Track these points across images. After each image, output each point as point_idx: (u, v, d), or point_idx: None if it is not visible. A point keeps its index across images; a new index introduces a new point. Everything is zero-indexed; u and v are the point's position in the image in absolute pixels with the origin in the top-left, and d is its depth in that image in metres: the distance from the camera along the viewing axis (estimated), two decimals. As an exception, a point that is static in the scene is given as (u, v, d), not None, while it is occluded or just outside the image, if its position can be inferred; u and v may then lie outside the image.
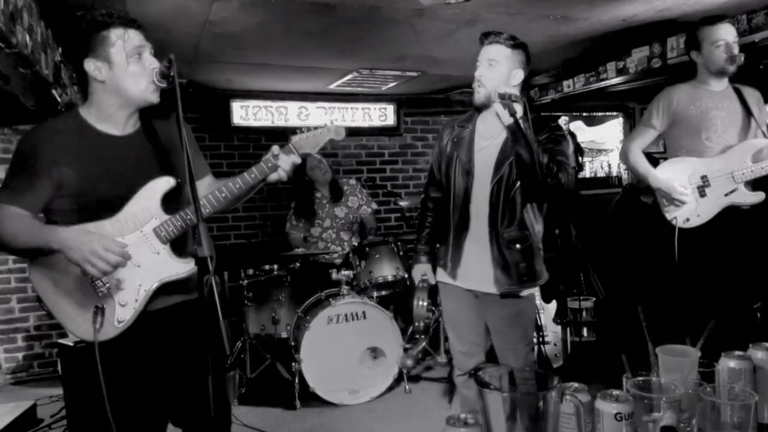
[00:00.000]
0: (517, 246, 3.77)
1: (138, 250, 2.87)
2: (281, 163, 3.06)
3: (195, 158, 3.28)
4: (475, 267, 3.90)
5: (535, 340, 5.71)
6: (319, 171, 7.03)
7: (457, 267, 3.97)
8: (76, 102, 5.19)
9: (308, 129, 3.19)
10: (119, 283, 2.84)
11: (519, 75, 3.80)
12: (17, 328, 7.11)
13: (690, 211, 4.63)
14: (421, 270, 4.26)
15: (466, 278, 3.97)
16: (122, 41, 2.82)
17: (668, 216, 4.70)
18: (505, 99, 3.60)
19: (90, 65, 2.83)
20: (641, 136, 4.85)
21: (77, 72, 2.92)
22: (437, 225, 4.20)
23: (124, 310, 2.85)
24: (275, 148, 3.09)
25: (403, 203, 7.45)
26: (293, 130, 3.29)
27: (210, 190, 3.05)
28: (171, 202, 2.95)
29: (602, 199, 8.98)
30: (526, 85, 7.71)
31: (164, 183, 2.92)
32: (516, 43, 3.78)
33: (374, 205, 7.39)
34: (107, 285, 2.82)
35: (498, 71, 3.76)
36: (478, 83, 3.83)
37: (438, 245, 4.21)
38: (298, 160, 3.13)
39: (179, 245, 2.99)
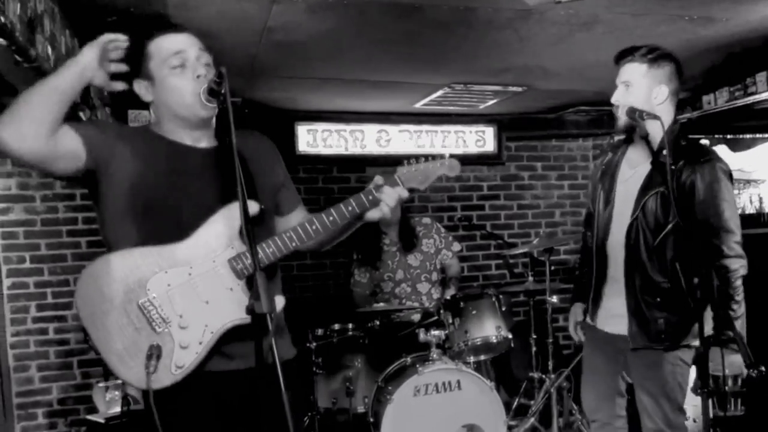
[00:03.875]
0: (657, 299, 3.99)
1: (207, 284, 2.91)
2: (385, 197, 3.10)
3: (286, 187, 3.37)
4: (614, 313, 4.20)
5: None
6: None
7: (597, 309, 4.34)
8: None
9: (417, 159, 3.22)
10: (181, 320, 2.87)
11: (663, 91, 4.04)
12: (38, 401, 7.26)
13: None
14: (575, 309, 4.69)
15: (604, 322, 4.31)
16: (159, 51, 2.95)
17: None
18: (635, 116, 3.73)
19: (138, 87, 3.00)
20: None
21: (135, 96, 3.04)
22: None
23: (184, 353, 2.86)
24: (378, 178, 3.15)
25: (517, 250, 7.31)
26: (372, 159, 3.35)
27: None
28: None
29: (752, 241, 8.76)
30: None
31: (248, 207, 2.95)
32: (655, 56, 4.05)
33: (456, 246, 7.30)
34: (168, 322, 2.85)
35: (635, 93, 4.03)
36: (616, 108, 4.10)
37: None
38: (405, 194, 3.16)
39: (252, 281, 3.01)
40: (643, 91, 4.01)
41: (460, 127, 8.73)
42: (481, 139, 8.84)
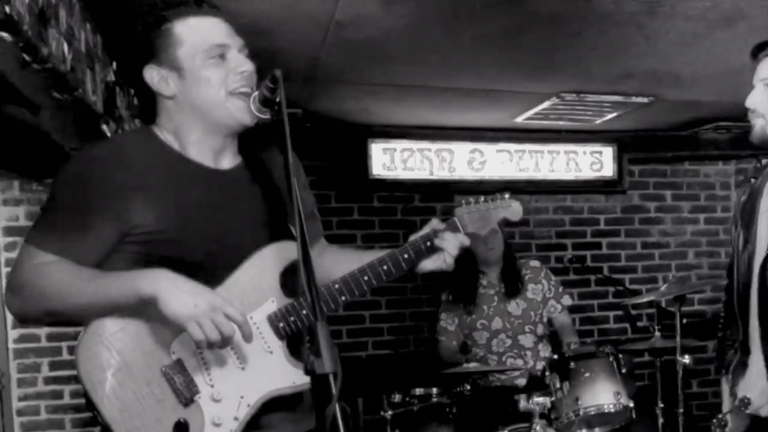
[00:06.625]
0: None
1: (244, 346, 2.83)
2: (447, 244, 3.10)
3: (313, 216, 3.34)
4: (754, 380, 3.91)
5: None
6: (482, 245, 6.77)
7: (740, 378, 4.00)
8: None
9: (476, 200, 3.25)
10: (213, 390, 2.81)
11: None
12: (50, 478, 7.27)
13: None
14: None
15: (744, 393, 3.99)
16: (194, 36, 2.83)
17: None
18: None
19: (152, 74, 2.87)
20: None
21: (138, 86, 2.95)
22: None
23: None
24: (437, 223, 3.15)
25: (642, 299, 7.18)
26: (462, 186, 3.34)
27: (332, 264, 3.11)
28: (290, 278, 2.97)
29: None
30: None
31: (290, 250, 2.88)
32: None
33: (567, 300, 7.12)
34: (197, 392, 2.79)
35: None
36: (752, 113, 3.89)
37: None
38: (467, 242, 3.17)
39: (297, 343, 2.97)
40: None
41: (571, 146, 8.71)
42: (597, 162, 8.81)
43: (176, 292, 2.59)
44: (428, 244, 3.08)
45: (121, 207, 2.75)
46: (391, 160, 8.19)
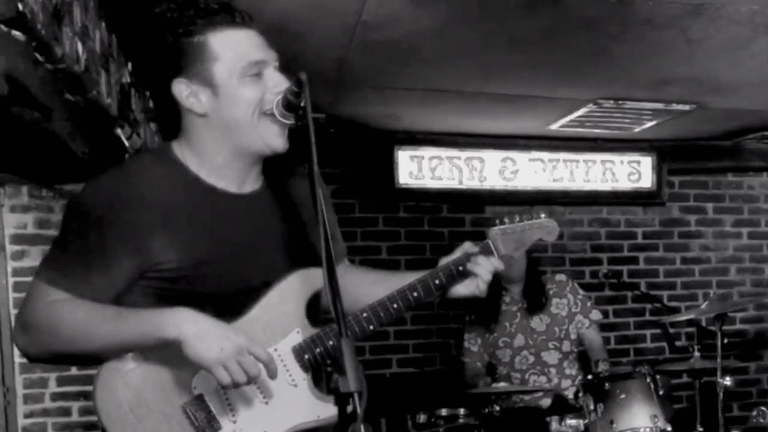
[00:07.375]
0: None
1: (267, 379, 2.78)
2: (480, 269, 3.05)
3: (335, 238, 3.25)
4: None
5: None
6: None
7: None
8: (152, 147, 5.22)
9: (510, 219, 3.21)
10: (236, 427, 2.78)
11: None
12: None
13: None
14: None
15: None
16: (231, 51, 2.75)
17: None
18: None
19: (181, 89, 2.77)
20: None
21: (159, 99, 2.90)
22: None
23: None
24: (468, 246, 3.11)
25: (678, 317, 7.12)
26: (493, 196, 3.29)
27: (356, 286, 3.07)
28: (316, 307, 2.95)
29: None
30: None
31: (315, 277, 2.83)
32: None
33: (596, 314, 7.03)
34: (219, 429, 2.76)
35: None
36: None
37: None
38: (501, 267, 3.13)
39: (320, 374, 2.92)
40: None
41: (608, 155, 8.67)
42: (635, 172, 8.75)
43: (201, 336, 2.56)
44: (460, 268, 3.04)
45: (140, 245, 2.70)
46: (418, 168, 8.14)
